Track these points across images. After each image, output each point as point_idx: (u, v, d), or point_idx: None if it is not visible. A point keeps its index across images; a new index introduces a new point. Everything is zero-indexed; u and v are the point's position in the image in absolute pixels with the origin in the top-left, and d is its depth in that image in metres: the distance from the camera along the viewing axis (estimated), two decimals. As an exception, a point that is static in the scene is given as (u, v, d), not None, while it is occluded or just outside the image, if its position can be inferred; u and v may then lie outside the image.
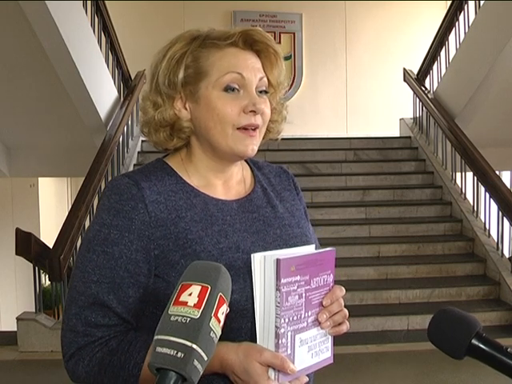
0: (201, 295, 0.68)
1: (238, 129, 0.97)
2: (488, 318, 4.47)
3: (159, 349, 0.65)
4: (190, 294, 0.68)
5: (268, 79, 1.02)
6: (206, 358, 0.66)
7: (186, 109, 1.00)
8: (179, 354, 0.64)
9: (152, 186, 0.97)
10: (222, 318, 0.69)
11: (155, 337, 0.67)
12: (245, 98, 0.97)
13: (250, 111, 0.97)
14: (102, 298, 0.92)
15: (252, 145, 0.98)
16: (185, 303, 0.67)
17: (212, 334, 0.67)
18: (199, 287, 0.69)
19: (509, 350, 0.79)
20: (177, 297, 0.69)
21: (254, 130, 0.98)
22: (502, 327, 4.46)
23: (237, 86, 0.97)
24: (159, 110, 0.99)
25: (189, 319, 0.66)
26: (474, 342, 0.80)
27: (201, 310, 0.67)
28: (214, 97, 0.97)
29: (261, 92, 1.00)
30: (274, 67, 1.03)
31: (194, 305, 0.67)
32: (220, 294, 0.69)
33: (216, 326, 0.68)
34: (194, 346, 0.65)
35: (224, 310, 0.70)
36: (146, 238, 0.94)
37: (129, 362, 0.90)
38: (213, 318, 0.67)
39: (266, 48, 1.01)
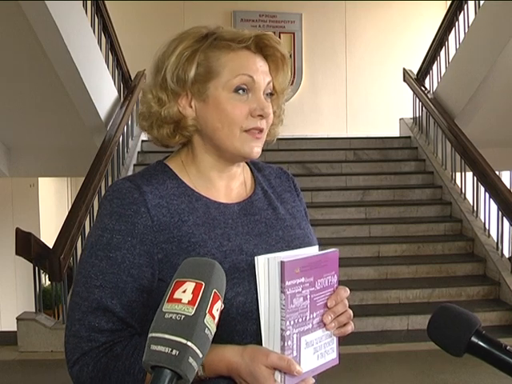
0: (195, 292, 0.67)
1: (244, 131, 0.97)
2: (488, 317, 4.46)
3: (154, 346, 0.65)
4: (185, 291, 0.67)
5: (273, 84, 1.02)
6: (200, 355, 0.65)
7: (190, 107, 0.99)
8: (174, 352, 0.64)
9: (154, 189, 0.97)
10: (216, 314, 0.69)
11: (149, 334, 0.66)
12: (253, 102, 0.97)
13: (258, 115, 0.97)
14: (106, 303, 0.91)
15: (257, 147, 0.99)
16: (179, 300, 0.67)
17: (207, 330, 0.67)
18: (193, 284, 0.68)
19: (508, 348, 0.78)
20: (171, 294, 0.68)
21: (259, 132, 0.99)
22: (501, 327, 4.45)
23: (246, 88, 0.97)
24: (165, 107, 0.98)
25: (183, 316, 0.66)
26: (474, 339, 0.79)
27: (195, 307, 0.66)
28: (224, 98, 0.96)
29: (267, 95, 1.00)
30: (280, 73, 1.02)
31: (189, 302, 0.66)
32: (214, 290, 0.69)
33: (211, 323, 0.67)
34: (189, 344, 0.64)
35: (219, 306, 0.69)
36: (149, 242, 0.94)
37: (134, 367, 0.89)
38: (207, 314, 0.67)
39: (275, 53, 1.01)
